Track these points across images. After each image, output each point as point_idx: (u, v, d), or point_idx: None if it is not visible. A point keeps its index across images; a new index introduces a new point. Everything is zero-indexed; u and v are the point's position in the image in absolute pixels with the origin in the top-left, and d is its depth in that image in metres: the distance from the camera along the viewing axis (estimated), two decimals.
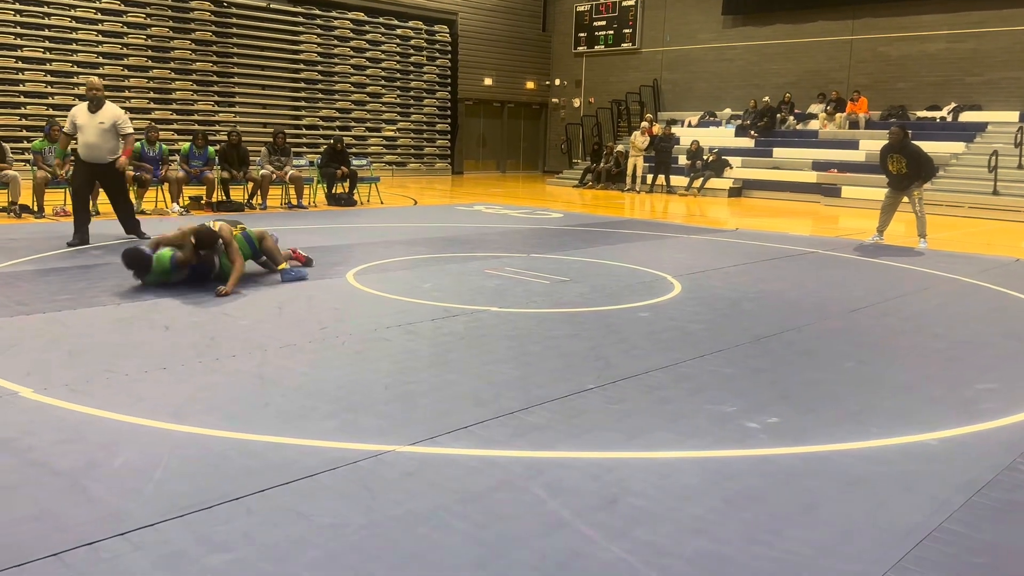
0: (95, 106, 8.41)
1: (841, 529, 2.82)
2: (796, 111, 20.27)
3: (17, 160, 11.80)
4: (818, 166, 18.12)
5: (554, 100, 26.52)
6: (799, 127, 19.99)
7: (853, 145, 18.19)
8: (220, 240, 6.49)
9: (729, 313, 6.19)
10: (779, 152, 19.12)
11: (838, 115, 19.15)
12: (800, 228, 12.63)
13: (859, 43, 19.91)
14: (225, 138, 13.26)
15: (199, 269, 6.48)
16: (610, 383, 4.33)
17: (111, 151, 8.52)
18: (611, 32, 24.51)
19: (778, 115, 20.10)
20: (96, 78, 8.83)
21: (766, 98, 20.26)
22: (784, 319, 6.03)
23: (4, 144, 11.15)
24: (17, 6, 16.20)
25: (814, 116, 19.89)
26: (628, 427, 3.71)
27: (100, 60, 17.26)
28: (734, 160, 19.05)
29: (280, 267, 6.95)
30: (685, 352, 5.00)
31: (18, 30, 16.24)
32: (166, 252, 6.30)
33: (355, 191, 14.20)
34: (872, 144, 16.78)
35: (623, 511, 2.88)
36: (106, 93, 8.71)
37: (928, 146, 11.68)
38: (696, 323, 5.80)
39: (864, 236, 11.07)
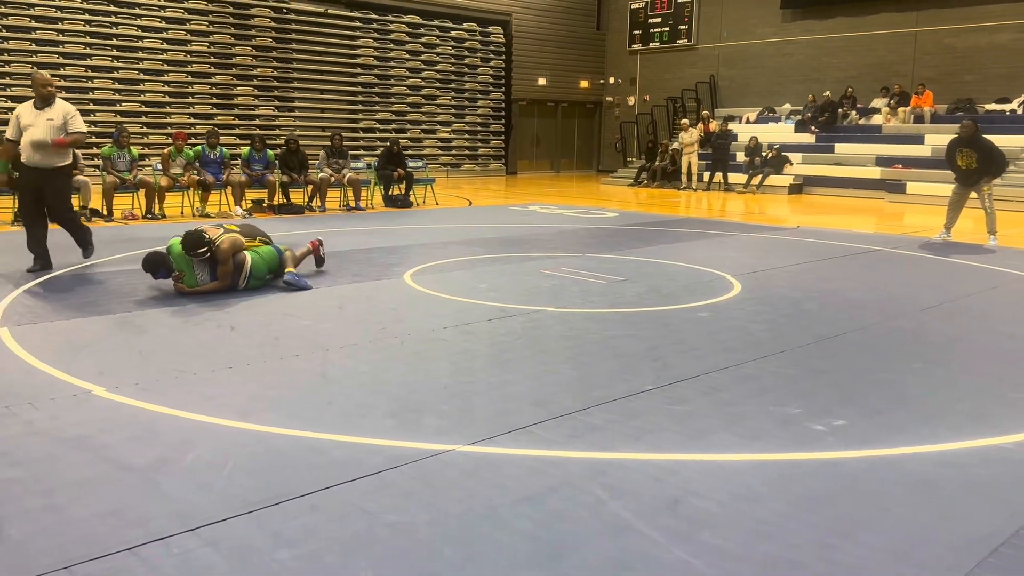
0: (44, 103, 7.20)
1: (912, 534, 2.74)
2: (858, 106, 19.79)
3: (87, 166, 12.20)
4: (882, 162, 17.66)
5: (608, 99, 26.37)
6: (861, 122, 19.51)
7: (918, 140, 17.69)
8: (234, 255, 6.36)
9: (791, 313, 6.08)
10: (841, 148, 18.70)
11: (901, 109, 18.63)
12: (864, 225, 12.33)
13: (924, 35, 19.34)
14: (283, 143, 13.53)
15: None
16: (669, 384, 4.28)
17: (60, 155, 7.27)
18: (666, 29, 24.27)
19: (839, 110, 19.65)
20: (45, 72, 7.38)
21: (827, 93, 19.83)
22: (849, 319, 5.89)
23: (76, 150, 11.53)
24: (87, 16, 16.77)
25: (877, 111, 19.39)
26: (689, 429, 3.66)
27: (165, 67, 17.76)
28: (794, 156, 18.69)
29: (286, 269, 6.76)
30: (747, 353, 4.92)
31: (87, 40, 16.81)
32: (175, 241, 6.34)
33: (411, 192, 14.34)
34: (938, 139, 16.29)
35: (686, 513, 2.85)
36: (56, 90, 7.42)
37: (997, 140, 11.25)
38: (757, 323, 5.71)
39: (931, 233, 10.75)
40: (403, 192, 14.24)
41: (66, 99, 7.62)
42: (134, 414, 3.73)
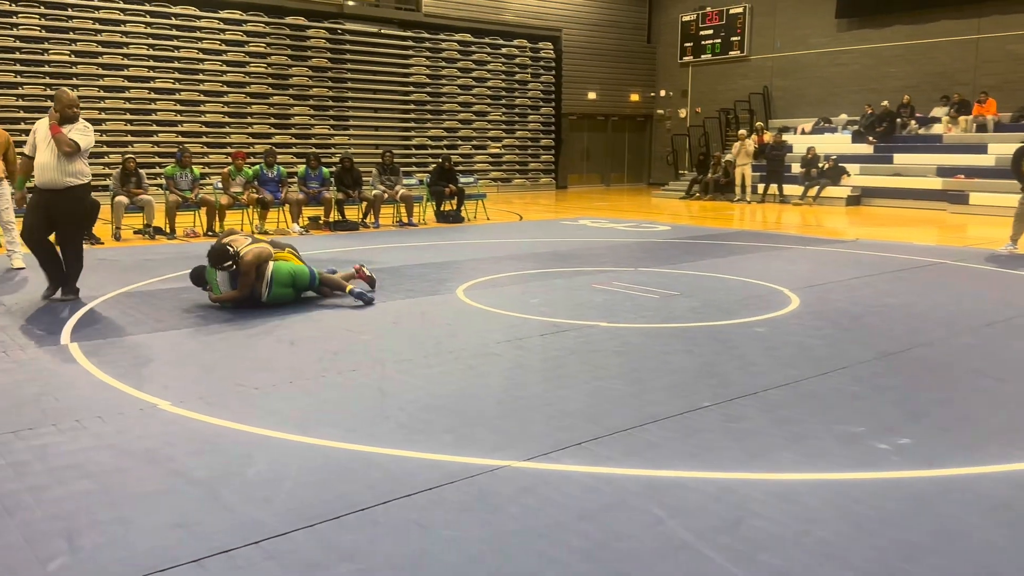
0: (64, 122, 6.71)
1: (984, 559, 2.65)
2: (917, 115, 19.34)
3: (151, 185, 12.58)
4: (943, 172, 17.23)
5: (659, 111, 26.25)
6: (921, 132, 19.05)
7: (981, 149, 17.21)
8: (259, 266, 6.47)
9: (852, 328, 5.95)
10: (900, 158, 18.29)
11: (962, 118, 18.15)
12: (925, 238, 12.02)
13: (986, 42, 18.84)
14: (338, 161, 13.79)
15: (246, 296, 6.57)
16: (727, 400, 4.23)
17: (74, 175, 6.71)
18: (718, 41, 24.09)
19: (898, 120, 19.22)
20: (73, 93, 6.89)
21: (884, 102, 19.43)
22: (913, 334, 5.75)
23: (140, 170, 11.91)
24: (150, 40, 17.35)
25: (937, 120, 18.92)
26: (748, 447, 3.61)
27: (224, 88, 18.24)
28: (852, 167, 18.35)
29: (348, 289, 6.88)
30: (806, 369, 4.83)
31: (151, 63, 17.37)
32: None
33: (462, 208, 14.45)
34: (1002, 148, 15.84)
35: (747, 534, 2.80)
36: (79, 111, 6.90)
37: None
38: (817, 339, 5.60)
39: (996, 245, 10.43)
40: (455, 208, 14.36)
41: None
42: (198, 428, 3.82)
